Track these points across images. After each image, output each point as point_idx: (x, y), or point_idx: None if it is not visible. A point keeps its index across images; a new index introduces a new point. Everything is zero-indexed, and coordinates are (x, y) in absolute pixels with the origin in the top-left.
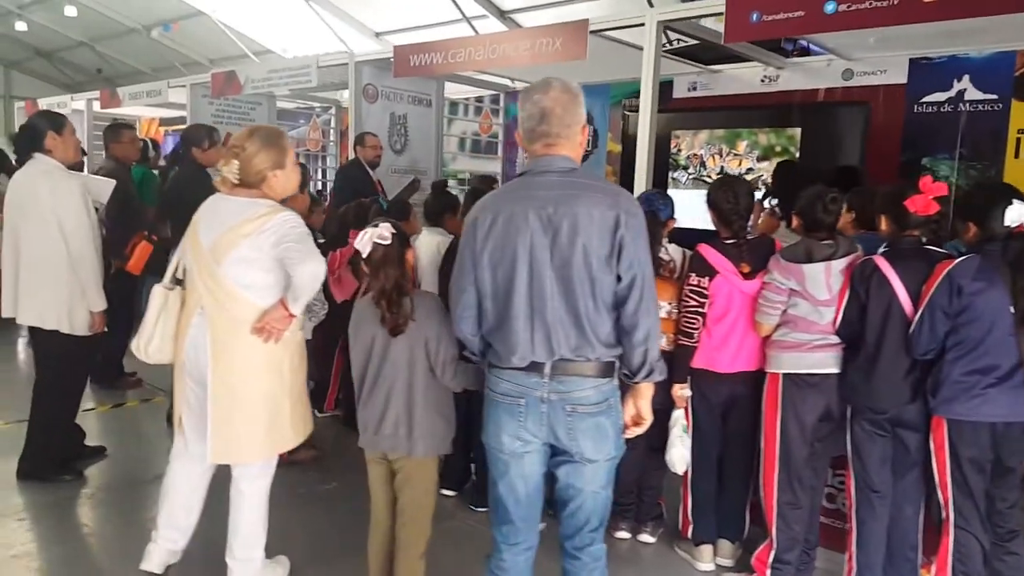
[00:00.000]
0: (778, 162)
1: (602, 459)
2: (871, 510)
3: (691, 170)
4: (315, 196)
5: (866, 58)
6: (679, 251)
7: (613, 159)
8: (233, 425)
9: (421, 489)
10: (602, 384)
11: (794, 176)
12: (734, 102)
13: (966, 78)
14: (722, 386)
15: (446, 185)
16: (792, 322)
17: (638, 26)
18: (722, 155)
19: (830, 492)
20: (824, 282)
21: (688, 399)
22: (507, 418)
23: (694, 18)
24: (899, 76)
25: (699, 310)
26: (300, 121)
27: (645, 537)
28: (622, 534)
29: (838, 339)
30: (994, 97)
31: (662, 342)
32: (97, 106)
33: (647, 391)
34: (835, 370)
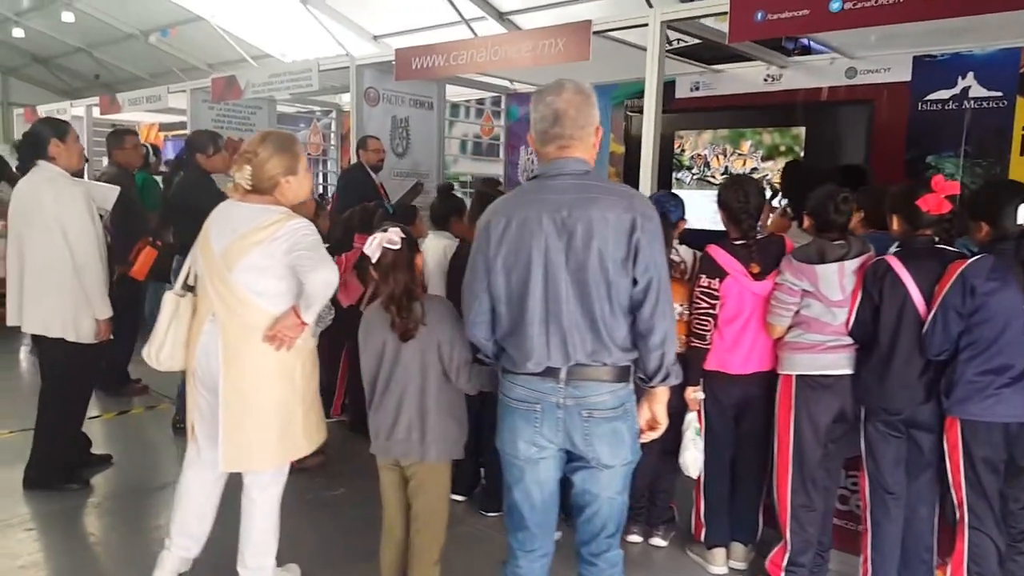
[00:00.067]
0: (786, 162)
1: (618, 464)
2: (886, 511)
3: (695, 170)
4: (318, 200)
5: (869, 56)
6: (690, 252)
7: (616, 160)
8: (244, 432)
9: (435, 495)
10: (618, 389)
11: (801, 176)
12: (737, 102)
13: (970, 75)
14: (735, 388)
15: (452, 188)
16: (805, 323)
17: (641, 26)
18: (726, 155)
19: (843, 494)
20: (837, 283)
21: (701, 402)
22: (523, 424)
23: (698, 18)
24: (903, 74)
25: (710, 312)
26: (300, 125)
27: (657, 541)
28: (634, 538)
29: (851, 340)
30: (999, 94)
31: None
32: (97, 112)
33: (663, 395)
34: (848, 371)
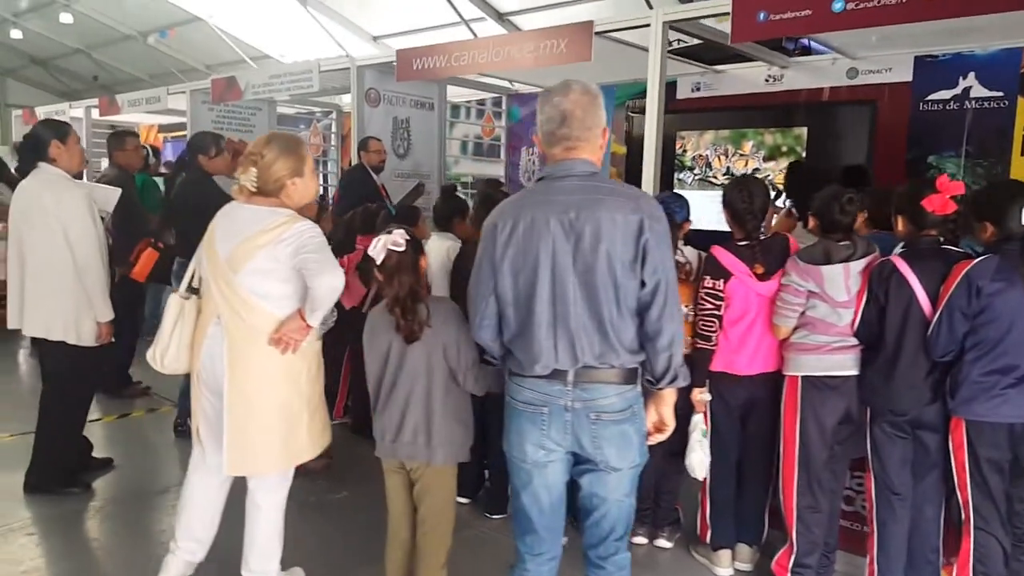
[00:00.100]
0: (789, 163)
1: (626, 467)
2: (891, 512)
3: (697, 171)
4: (319, 201)
5: (871, 56)
6: (694, 253)
7: (617, 161)
8: (249, 436)
9: (441, 498)
10: (626, 391)
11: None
12: (739, 102)
13: (971, 75)
14: (740, 389)
15: (455, 189)
16: (811, 324)
17: (643, 27)
18: (728, 155)
19: (848, 494)
20: (843, 283)
21: (707, 403)
22: (530, 427)
23: (700, 18)
24: (904, 74)
25: (716, 313)
26: (301, 126)
27: (662, 542)
28: (639, 539)
29: (857, 341)
30: (1000, 94)
31: None
32: (96, 113)
33: (670, 397)
34: (854, 372)
